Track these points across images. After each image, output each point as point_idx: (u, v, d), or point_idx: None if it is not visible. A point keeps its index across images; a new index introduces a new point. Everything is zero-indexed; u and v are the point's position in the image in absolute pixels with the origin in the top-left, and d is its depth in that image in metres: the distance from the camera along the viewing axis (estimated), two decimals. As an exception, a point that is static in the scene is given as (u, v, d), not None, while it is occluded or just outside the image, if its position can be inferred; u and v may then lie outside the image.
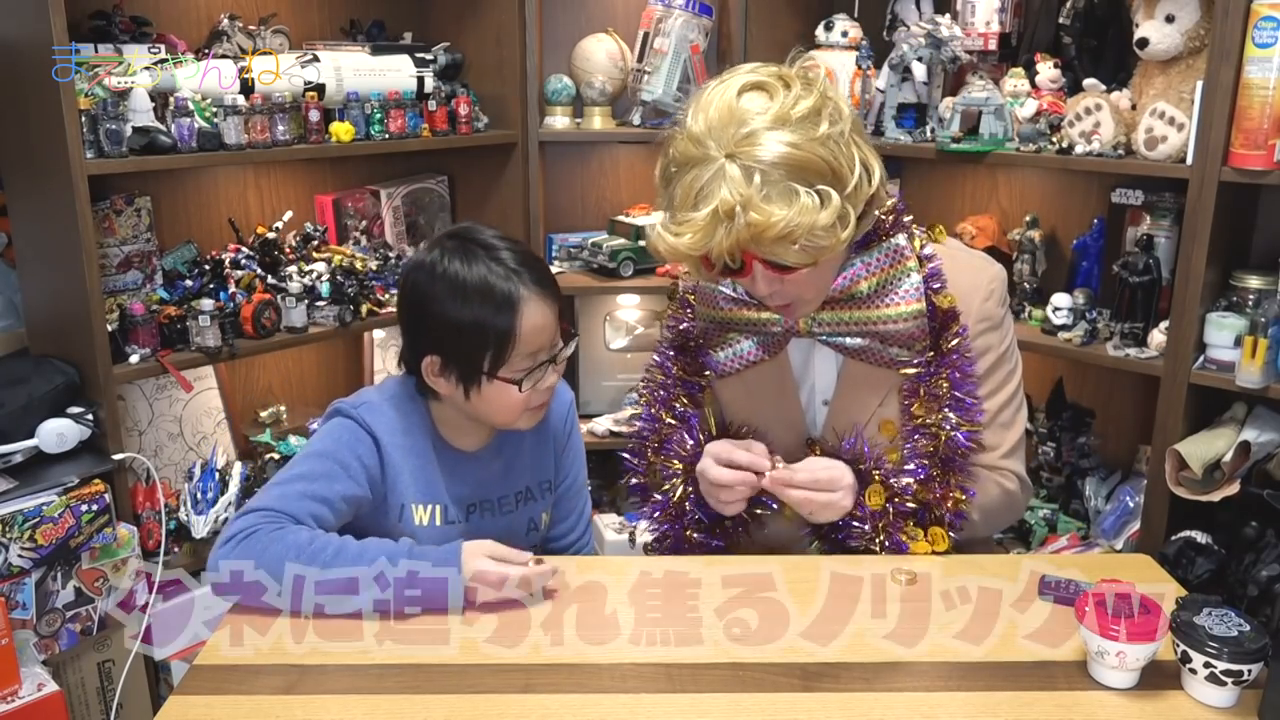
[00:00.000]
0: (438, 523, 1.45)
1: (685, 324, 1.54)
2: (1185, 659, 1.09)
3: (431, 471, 1.45)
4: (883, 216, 1.40)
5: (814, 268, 1.31)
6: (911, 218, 1.44)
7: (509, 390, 1.37)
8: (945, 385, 1.41)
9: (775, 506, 1.44)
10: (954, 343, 1.41)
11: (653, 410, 1.54)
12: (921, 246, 1.43)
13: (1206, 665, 1.07)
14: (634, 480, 1.56)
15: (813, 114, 1.25)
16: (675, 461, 1.47)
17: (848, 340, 1.42)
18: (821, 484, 1.38)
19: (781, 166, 1.23)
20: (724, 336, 1.49)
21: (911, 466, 1.40)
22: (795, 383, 1.49)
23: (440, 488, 1.46)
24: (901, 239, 1.41)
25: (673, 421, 1.51)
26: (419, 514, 1.44)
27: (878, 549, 1.39)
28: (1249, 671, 1.06)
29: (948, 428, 1.40)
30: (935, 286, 1.41)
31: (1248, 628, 1.08)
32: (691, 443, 1.47)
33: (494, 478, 1.51)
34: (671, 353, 1.55)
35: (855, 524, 1.40)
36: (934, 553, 1.39)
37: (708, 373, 1.52)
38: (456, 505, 1.47)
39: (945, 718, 1.08)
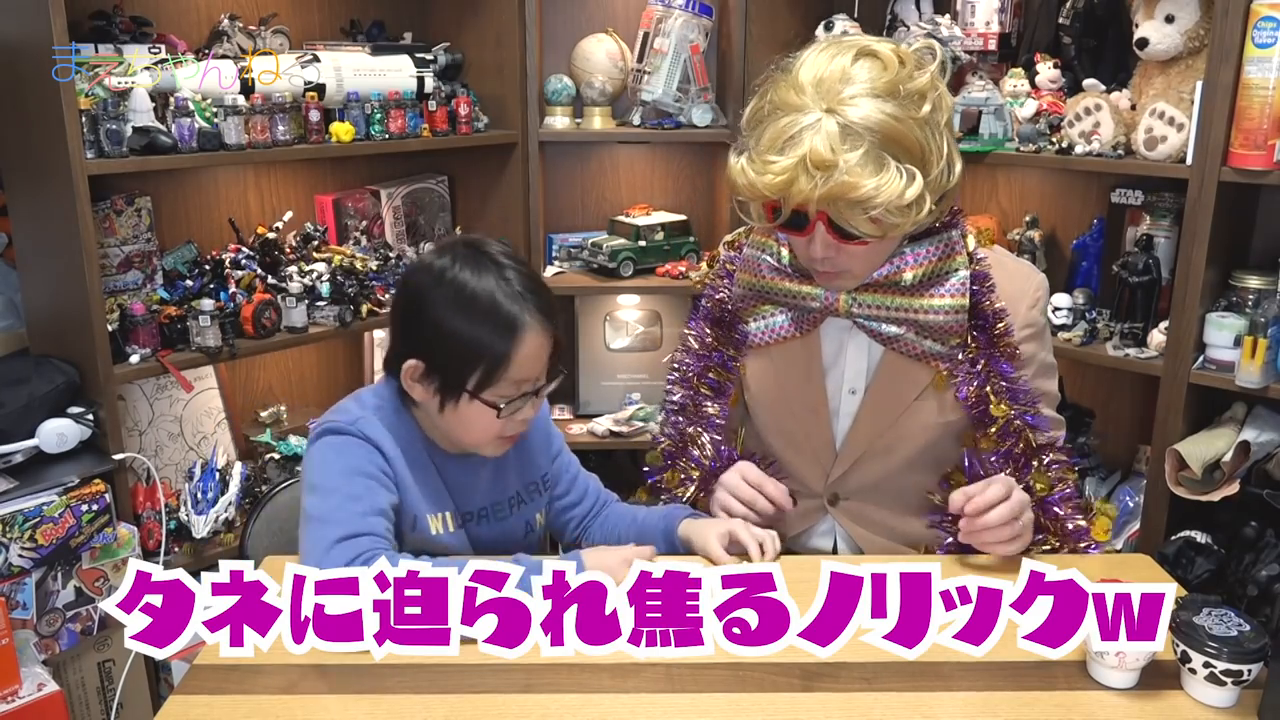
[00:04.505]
0: (450, 529, 1.41)
1: (722, 293, 1.54)
2: (1185, 659, 1.09)
3: (434, 479, 1.41)
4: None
5: (871, 245, 1.32)
6: (966, 218, 1.46)
7: (487, 414, 1.32)
8: (1002, 383, 1.41)
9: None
10: (1003, 339, 1.42)
11: (689, 380, 1.54)
12: (974, 248, 1.43)
13: (1206, 665, 1.07)
14: (664, 448, 1.55)
15: (919, 94, 1.28)
16: (692, 467, 1.49)
17: (884, 326, 1.42)
18: (1015, 512, 1.34)
19: (877, 133, 1.24)
20: (759, 308, 1.49)
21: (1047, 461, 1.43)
22: (824, 369, 1.49)
23: (445, 495, 1.42)
24: (955, 234, 1.42)
25: (706, 391, 1.52)
26: (434, 524, 1.39)
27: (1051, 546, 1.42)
28: (1248, 671, 1.06)
29: (1016, 417, 1.41)
30: (986, 288, 1.42)
31: (1247, 628, 1.08)
32: (712, 452, 1.48)
33: (484, 485, 1.46)
34: (707, 323, 1.54)
35: (1038, 535, 1.41)
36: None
37: (738, 350, 1.53)
38: (456, 513, 1.44)
39: (945, 718, 1.08)
